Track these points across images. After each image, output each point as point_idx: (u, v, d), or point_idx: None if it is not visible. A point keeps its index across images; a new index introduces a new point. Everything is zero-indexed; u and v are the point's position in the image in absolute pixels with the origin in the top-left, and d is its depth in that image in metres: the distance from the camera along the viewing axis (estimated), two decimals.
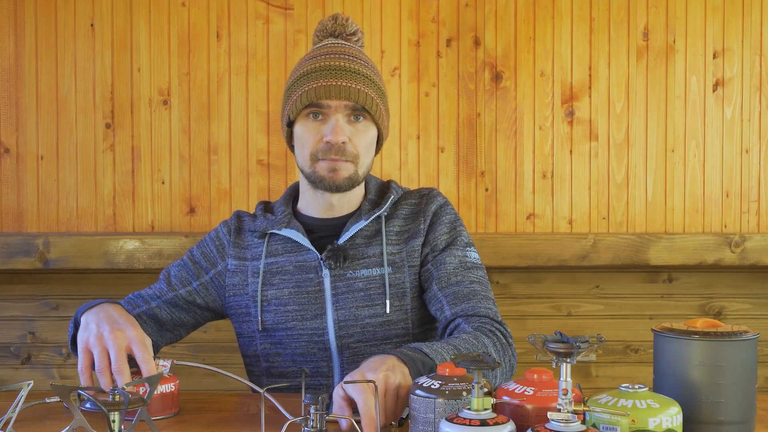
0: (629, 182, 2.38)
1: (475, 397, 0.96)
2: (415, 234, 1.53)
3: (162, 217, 2.35)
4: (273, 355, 1.52)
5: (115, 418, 0.94)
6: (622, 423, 0.98)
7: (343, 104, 1.45)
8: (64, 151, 2.34)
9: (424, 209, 1.55)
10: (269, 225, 1.54)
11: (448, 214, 1.55)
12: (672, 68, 2.38)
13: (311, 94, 1.45)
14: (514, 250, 2.21)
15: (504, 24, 2.36)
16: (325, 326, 1.48)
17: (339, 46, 1.52)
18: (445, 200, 1.58)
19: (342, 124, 1.45)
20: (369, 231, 1.53)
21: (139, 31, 2.33)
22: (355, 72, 1.47)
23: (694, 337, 1.08)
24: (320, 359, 1.49)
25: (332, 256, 1.48)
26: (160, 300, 1.56)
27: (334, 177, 1.47)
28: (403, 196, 1.59)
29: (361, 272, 1.49)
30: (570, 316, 2.40)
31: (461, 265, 1.50)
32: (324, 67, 1.46)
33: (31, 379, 1.55)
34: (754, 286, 2.41)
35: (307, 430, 1.02)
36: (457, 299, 1.46)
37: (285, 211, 1.56)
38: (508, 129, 2.37)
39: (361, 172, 1.50)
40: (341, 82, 1.45)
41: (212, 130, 2.35)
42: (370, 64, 1.52)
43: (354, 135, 1.47)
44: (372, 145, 1.51)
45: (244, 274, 1.54)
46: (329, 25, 1.56)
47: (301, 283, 1.50)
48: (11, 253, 2.18)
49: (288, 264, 1.52)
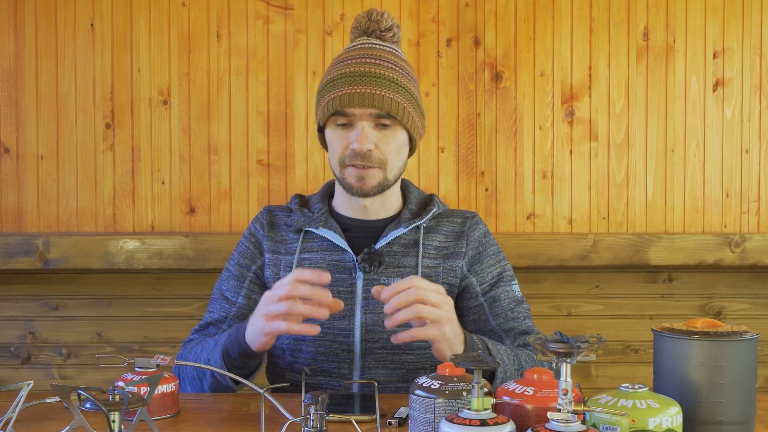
0: (629, 182, 2.38)
1: (475, 397, 0.96)
2: (455, 254, 1.54)
3: (162, 217, 2.35)
4: (297, 350, 1.51)
5: (115, 418, 0.94)
6: (622, 423, 0.98)
7: (368, 112, 1.45)
8: (64, 151, 2.34)
9: (468, 233, 1.57)
10: (306, 221, 1.54)
11: (493, 245, 1.60)
12: (672, 68, 2.38)
13: (336, 102, 1.45)
14: (514, 250, 2.21)
15: (504, 24, 2.36)
16: (352, 328, 1.48)
17: (368, 48, 1.50)
18: (486, 228, 1.62)
19: (368, 131, 1.45)
20: (407, 240, 1.54)
21: (139, 31, 2.33)
22: (380, 77, 1.45)
23: (694, 337, 1.08)
24: (342, 360, 1.49)
25: (368, 260, 1.48)
26: (229, 319, 1.55)
27: (362, 185, 1.47)
28: (445, 212, 1.60)
29: (393, 280, 1.49)
30: (570, 316, 2.40)
31: (513, 300, 1.56)
32: (350, 73, 1.46)
33: (31, 379, 1.55)
34: (754, 286, 2.41)
35: (307, 430, 1.02)
36: (516, 334, 1.52)
37: (322, 209, 1.56)
38: (508, 129, 2.37)
39: (392, 176, 1.50)
40: (366, 89, 1.44)
41: (212, 130, 2.35)
42: (399, 65, 1.50)
43: (381, 141, 1.46)
44: (401, 149, 1.50)
45: (277, 267, 1.54)
46: (363, 22, 1.54)
47: (334, 282, 1.49)
48: (11, 253, 2.18)
49: (322, 262, 1.51)
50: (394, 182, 1.52)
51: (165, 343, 2.35)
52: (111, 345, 2.37)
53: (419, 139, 1.55)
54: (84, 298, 2.36)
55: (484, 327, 1.54)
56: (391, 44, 1.54)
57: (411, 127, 1.49)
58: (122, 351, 2.36)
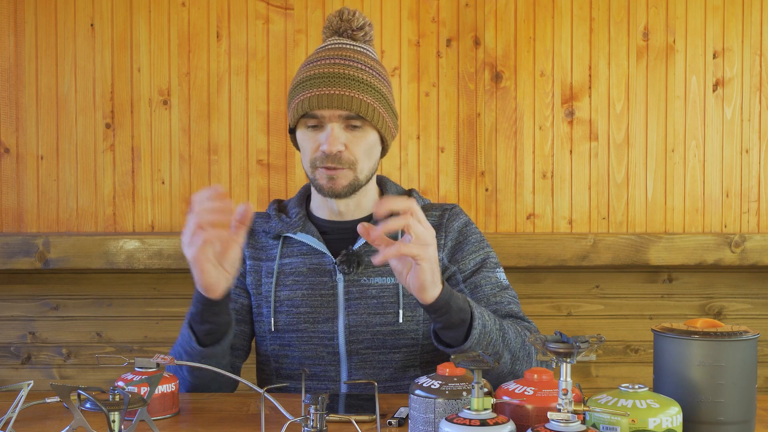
0: (629, 182, 2.38)
1: (475, 397, 0.96)
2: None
3: (162, 217, 2.35)
4: (282, 356, 1.51)
5: (115, 418, 0.94)
6: (622, 423, 0.98)
7: (337, 113, 1.44)
8: (64, 151, 2.34)
9: (446, 225, 1.55)
10: (284, 227, 1.53)
11: (474, 233, 1.56)
12: (672, 68, 2.38)
13: (305, 104, 1.44)
14: (514, 250, 2.21)
15: (504, 24, 2.36)
16: (335, 330, 1.48)
17: (338, 49, 1.50)
18: (468, 218, 1.58)
19: (337, 132, 1.44)
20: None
21: (139, 31, 2.33)
22: (350, 78, 1.45)
23: (694, 337, 1.08)
24: (328, 363, 1.49)
25: (346, 261, 1.48)
26: None
27: (333, 186, 1.46)
28: (425, 206, 1.58)
29: (375, 280, 1.49)
30: (570, 316, 2.40)
31: (496, 286, 1.52)
32: (319, 74, 1.45)
33: (31, 379, 1.55)
34: (754, 286, 2.41)
35: (307, 430, 1.02)
36: (501, 318, 1.47)
37: (299, 213, 1.55)
38: (508, 129, 2.37)
39: (362, 177, 1.48)
40: (334, 91, 1.43)
41: (212, 130, 2.35)
42: (369, 65, 1.49)
43: (351, 142, 1.45)
44: (372, 149, 1.49)
45: (258, 274, 1.54)
46: (335, 21, 1.54)
47: (315, 285, 1.49)
48: (11, 253, 2.18)
49: (302, 266, 1.51)
50: (365, 182, 1.50)
51: (165, 343, 2.35)
52: (111, 345, 2.37)
53: (391, 139, 1.54)
54: (84, 298, 2.36)
55: None
56: (362, 44, 1.53)
57: (382, 127, 1.48)
58: (122, 351, 2.36)
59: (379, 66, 1.52)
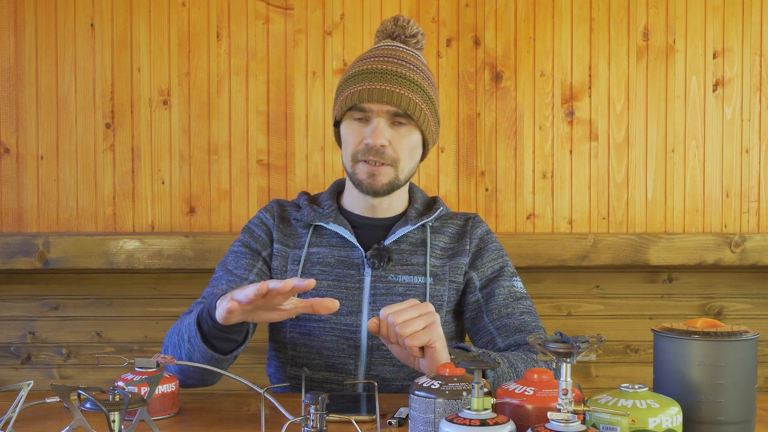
0: (629, 182, 2.38)
1: (475, 397, 0.96)
2: (459, 252, 1.55)
3: (162, 217, 2.35)
4: (300, 345, 1.51)
5: (115, 418, 0.94)
6: (622, 423, 0.98)
7: (385, 108, 1.45)
8: (64, 151, 2.34)
9: (470, 231, 1.58)
10: (317, 217, 1.55)
11: (494, 242, 1.60)
12: (672, 68, 2.38)
13: (354, 97, 1.46)
14: (514, 250, 2.21)
15: (504, 24, 2.36)
16: (359, 324, 1.49)
17: (391, 49, 1.52)
18: (488, 228, 1.62)
19: (383, 127, 1.46)
20: (414, 239, 1.55)
21: (139, 31, 2.33)
22: (400, 76, 1.47)
23: (694, 337, 1.08)
24: (348, 356, 1.49)
25: (377, 255, 1.49)
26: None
27: (373, 182, 1.48)
28: (448, 214, 1.61)
29: (402, 278, 1.50)
30: (570, 316, 2.40)
31: (510, 296, 1.53)
32: (370, 69, 1.47)
33: (31, 379, 1.55)
34: (754, 286, 2.41)
35: (307, 430, 1.02)
36: (509, 332, 1.49)
37: (331, 206, 1.57)
38: (508, 129, 2.37)
39: (402, 177, 1.51)
40: (385, 86, 1.45)
41: (212, 130, 2.35)
42: (421, 68, 1.51)
43: (395, 139, 1.47)
44: (415, 149, 1.51)
45: (285, 259, 1.54)
46: (389, 26, 1.56)
47: (342, 277, 1.50)
48: (11, 253, 2.18)
49: (330, 257, 1.52)
50: (404, 183, 1.53)
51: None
52: (111, 345, 2.37)
53: (432, 144, 1.56)
54: (84, 298, 2.36)
55: (478, 324, 1.53)
56: (414, 50, 1.56)
57: (426, 129, 1.50)
58: (122, 351, 2.36)
59: (428, 71, 1.55)
